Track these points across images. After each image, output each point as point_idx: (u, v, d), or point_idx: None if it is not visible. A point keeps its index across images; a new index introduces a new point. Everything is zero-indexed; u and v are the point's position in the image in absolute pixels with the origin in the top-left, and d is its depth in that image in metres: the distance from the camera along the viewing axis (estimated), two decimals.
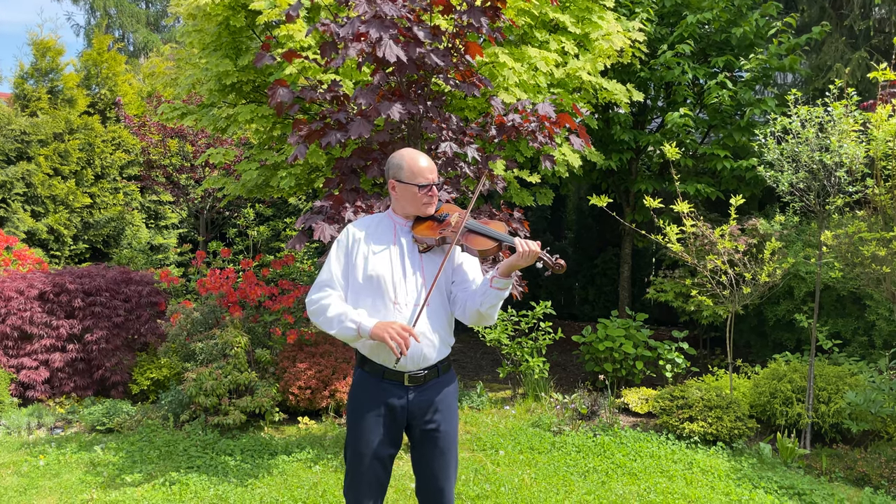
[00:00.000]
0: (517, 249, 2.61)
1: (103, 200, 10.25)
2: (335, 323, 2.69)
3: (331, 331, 2.70)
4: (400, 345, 2.56)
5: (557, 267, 2.66)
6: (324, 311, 2.72)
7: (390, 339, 2.57)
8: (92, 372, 6.20)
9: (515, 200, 6.41)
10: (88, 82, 10.78)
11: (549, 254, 2.68)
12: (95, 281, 6.44)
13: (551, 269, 2.68)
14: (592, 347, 6.78)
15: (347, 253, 2.82)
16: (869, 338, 6.59)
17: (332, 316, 2.70)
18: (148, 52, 22.76)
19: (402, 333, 2.58)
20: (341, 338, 2.71)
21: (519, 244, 2.62)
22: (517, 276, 5.19)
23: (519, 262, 2.62)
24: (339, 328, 2.68)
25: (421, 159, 2.81)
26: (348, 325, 2.66)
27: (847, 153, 4.93)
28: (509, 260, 2.63)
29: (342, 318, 2.68)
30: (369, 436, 2.78)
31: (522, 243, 2.61)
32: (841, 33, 7.73)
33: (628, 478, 4.71)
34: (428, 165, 2.81)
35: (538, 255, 2.62)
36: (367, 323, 2.64)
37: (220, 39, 6.23)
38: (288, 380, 5.79)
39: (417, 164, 2.79)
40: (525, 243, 2.61)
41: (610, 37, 5.86)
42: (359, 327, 2.64)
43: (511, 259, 2.62)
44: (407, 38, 4.20)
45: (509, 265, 2.63)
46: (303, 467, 4.81)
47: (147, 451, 5.05)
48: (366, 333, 2.63)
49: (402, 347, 2.56)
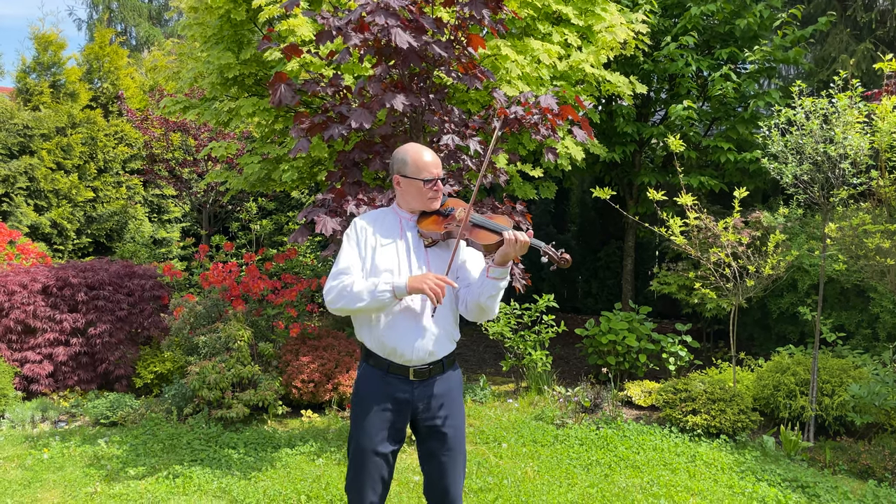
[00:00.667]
0: (504, 239, 2.60)
1: (106, 194, 10.26)
2: (366, 294, 2.62)
3: (360, 303, 2.63)
4: (437, 294, 2.55)
5: (563, 261, 2.65)
6: (348, 289, 2.65)
7: (429, 289, 2.55)
8: (96, 366, 6.21)
9: (518, 194, 6.39)
10: (90, 76, 10.77)
11: (555, 248, 2.66)
12: (99, 275, 6.44)
13: (556, 264, 2.67)
14: (595, 340, 6.77)
15: (358, 243, 2.80)
16: (873, 330, 6.57)
17: (359, 290, 2.63)
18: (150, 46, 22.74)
19: (439, 283, 2.57)
20: (375, 305, 2.63)
21: (506, 234, 2.60)
22: (521, 269, 5.18)
23: (508, 251, 2.59)
24: (370, 297, 2.61)
25: (426, 154, 2.80)
26: (382, 289, 2.61)
27: (851, 145, 4.90)
28: (500, 250, 2.62)
29: (373, 287, 2.62)
30: (373, 430, 2.77)
31: (509, 233, 2.60)
32: (845, 24, 7.68)
33: (631, 470, 4.71)
34: (433, 160, 2.80)
35: (528, 245, 2.60)
36: (401, 281, 2.61)
37: (221, 32, 6.21)
38: (291, 373, 5.80)
39: (422, 159, 2.78)
40: (513, 233, 2.59)
41: (613, 29, 5.83)
42: (394, 287, 2.60)
43: (501, 249, 2.61)
44: (411, 28, 4.18)
45: (501, 255, 2.62)
46: (306, 460, 4.82)
47: (151, 445, 5.06)
48: (402, 290, 2.60)
49: (439, 296, 2.55)
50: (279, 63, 5.68)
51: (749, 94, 6.98)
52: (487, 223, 2.75)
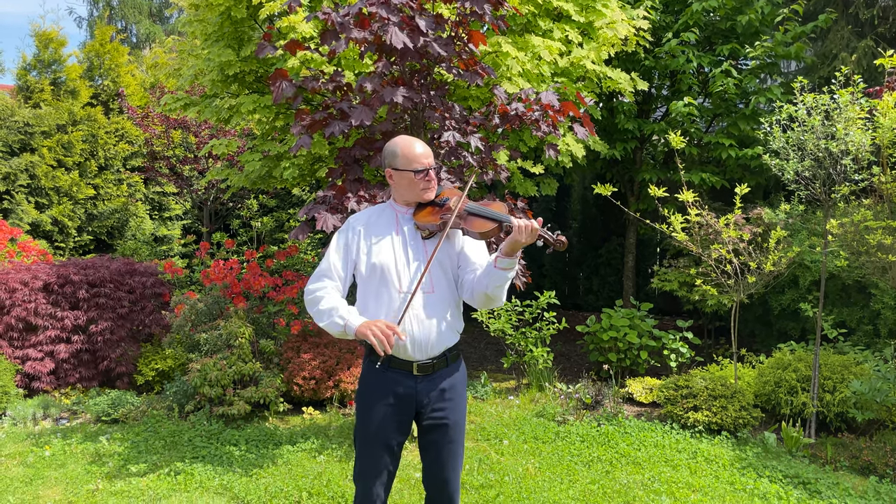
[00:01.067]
0: (514, 226, 2.59)
1: (107, 192, 10.25)
2: (325, 316, 2.69)
3: (321, 323, 2.70)
4: (382, 342, 2.53)
5: (559, 244, 2.63)
6: (317, 302, 2.73)
7: (373, 336, 2.54)
8: (97, 363, 6.21)
9: (519, 190, 6.38)
10: (91, 73, 10.76)
11: (551, 231, 2.65)
12: (100, 272, 6.44)
13: (553, 246, 2.64)
14: (597, 337, 6.77)
15: (347, 244, 2.82)
16: (874, 327, 6.56)
17: (323, 309, 2.70)
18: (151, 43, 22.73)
19: (386, 332, 2.55)
20: (329, 331, 2.71)
21: (516, 221, 2.59)
22: (521, 266, 5.18)
23: (519, 238, 2.57)
24: (328, 321, 2.69)
25: (416, 145, 2.79)
26: (336, 321, 2.66)
27: (853, 141, 4.89)
28: (510, 238, 2.59)
29: (332, 312, 2.68)
30: (377, 424, 2.79)
31: (520, 220, 2.59)
32: (847, 21, 7.67)
33: (632, 467, 4.71)
34: (423, 151, 2.79)
35: (538, 232, 2.59)
36: (354, 322, 2.64)
37: (222, 29, 6.20)
38: (292, 370, 5.80)
39: (412, 150, 2.77)
40: (523, 220, 2.59)
41: (614, 25, 5.82)
42: (345, 324, 2.65)
43: (511, 237, 2.58)
44: (410, 27, 4.17)
45: (511, 243, 2.59)
46: (307, 457, 4.82)
47: (152, 442, 5.07)
48: (351, 331, 2.63)
49: (384, 345, 2.53)
50: (280, 60, 5.68)
51: (750, 90, 6.97)
52: (483, 211, 2.74)
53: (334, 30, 4.45)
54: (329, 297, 2.72)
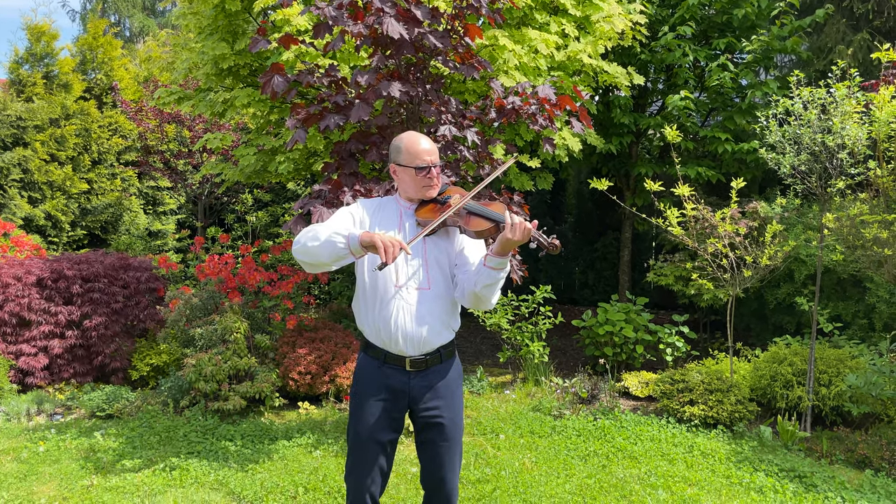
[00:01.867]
0: (506, 225, 2.56)
1: (101, 186, 10.20)
2: (323, 235, 2.54)
3: (315, 243, 2.54)
4: (388, 249, 2.41)
5: (552, 247, 2.61)
6: (314, 230, 2.60)
7: (380, 240, 2.43)
8: (91, 358, 6.18)
9: (515, 185, 6.37)
10: (84, 67, 10.69)
11: (546, 234, 2.64)
12: (94, 267, 6.41)
13: (546, 249, 2.62)
14: (593, 332, 6.77)
15: (354, 217, 2.77)
16: (869, 321, 6.57)
17: (319, 231, 2.57)
18: (144, 37, 22.61)
19: (394, 241, 2.44)
20: (328, 251, 2.53)
21: (508, 219, 2.56)
22: (518, 260, 5.16)
23: (511, 237, 2.53)
24: (325, 238, 2.53)
25: (421, 141, 2.77)
26: (334, 237, 2.53)
27: (849, 135, 4.89)
28: (501, 236, 2.56)
29: (331, 231, 2.55)
30: (370, 420, 2.77)
31: (512, 219, 2.56)
32: (842, 14, 7.66)
33: (629, 461, 4.71)
34: (427, 147, 2.77)
35: (530, 234, 2.57)
36: (356, 231, 2.54)
37: (216, 22, 6.16)
38: (288, 365, 5.78)
39: (416, 147, 2.76)
40: (514, 220, 2.55)
41: (611, 19, 5.80)
42: (348, 235, 2.52)
43: (502, 235, 2.55)
44: (406, 19, 4.15)
45: (502, 242, 2.56)
46: (303, 452, 4.81)
47: (147, 437, 5.04)
48: (354, 241, 2.49)
49: (389, 254, 2.41)
50: (274, 53, 5.64)
51: (746, 84, 6.96)
52: (481, 210, 2.73)
53: (328, 23, 4.42)
54: (327, 226, 2.60)
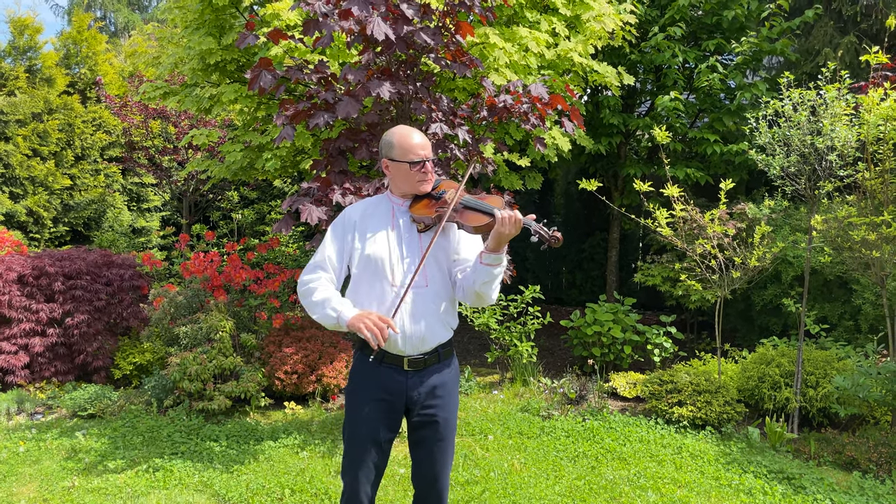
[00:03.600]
0: (497, 218, 2.52)
1: (84, 182, 10.06)
2: (318, 308, 2.66)
3: (314, 315, 2.68)
4: (376, 335, 2.50)
5: (553, 240, 2.56)
6: (310, 294, 2.69)
7: (366, 329, 2.51)
8: (73, 357, 6.08)
9: (504, 184, 6.33)
10: (68, 61, 10.54)
11: (547, 227, 2.59)
12: (76, 264, 6.30)
13: (548, 243, 2.57)
14: (581, 332, 6.75)
15: (343, 235, 2.77)
16: (855, 322, 6.60)
17: (316, 300, 2.66)
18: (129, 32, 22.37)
19: (379, 324, 2.52)
20: (322, 323, 2.67)
21: (498, 213, 2.52)
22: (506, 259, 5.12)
23: (503, 230, 2.50)
24: (320, 313, 2.65)
25: (413, 135, 2.74)
26: (329, 313, 2.63)
27: (839, 137, 4.89)
28: (494, 230, 2.53)
29: (325, 304, 2.64)
30: (367, 419, 2.75)
31: (502, 211, 2.52)
32: (830, 17, 7.69)
33: (618, 462, 4.69)
34: (420, 142, 2.74)
35: (522, 225, 2.53)
36: (347, 313, 2.60)
37: (202, 17, 6.08)
38: (274, 364, 5.72)
39: (408, 141, 2.72)
40: (506, 211, 2.51)
41: (602, 18, 5.78)
42: (338, 316, 2.61)
43: (495, 229, 2.52)
44: (395, 16, 4.10)
45: (496, 237, 2.53)
46: (290, 453, 4.75)
47: (130, 437, 4.96)
48: (343, 323, 2.59)
49: (378, 339, 2.50)
50: (262, 48, 5.57)
51: (735, 85, 6.97)
52: (477, 204, 2.68)
53: (317, 19, 4.36)
54: (322, 289, 2.68)
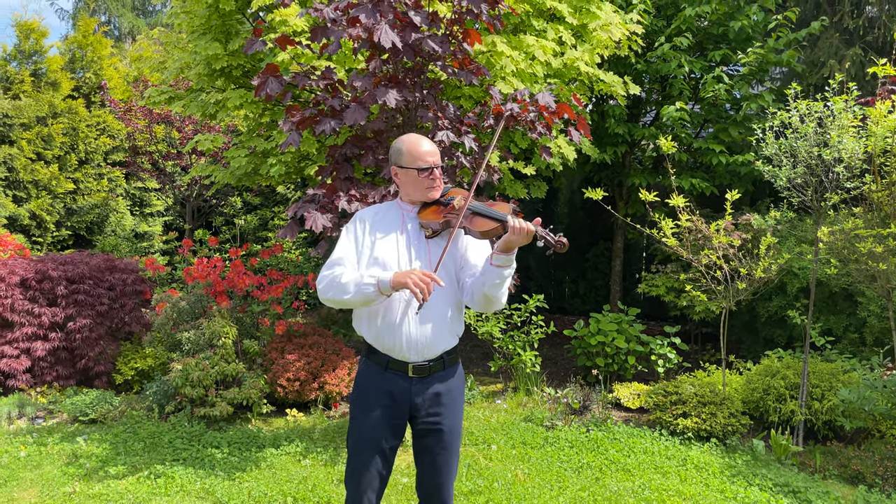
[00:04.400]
0: (509, 226, 2.52)
1: (87, 186, 10.06)
2: (351, 286, 2.58)
3: (346, 296, 2.59)
4: (423, 290, 2.47)
5: (559, 245, 2.55)
6: (337, 280, 2.63)
7: (413, 284, 2.48)
8: (75, 361, 6.06)
9: (509, 192, 6.32)
10: (73, 66, 10.56)
11: (554, 233, 2.58)
12: (79, 268, 6.29)
13: (554, 248, 2.57)
14: (584, 342, 6.71)
15: (356, 236, 2.77)
16: (860, 335, 6.57)
17: (346, 282, 2.60)
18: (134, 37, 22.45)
19: (424, 279, 2.49)
20: (360, 299, 2.59)
21: (511, 221, 2.53)
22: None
23: (513, 238, 2.51)
24: (356, 289, 2.58)
25: (422, 143, 2.75)
26: (367, 282, 2.57)
27: (846, 149, 4.88)
28: (505, 237, 2.54)
29: (358, 281, 2.59)
30: (371, 426, 2.74)
31: (515, 220, 2.53)
32: (835, 29, 7.69)
33: (622, 474, 4.65)
34: (429, 149, 2.75)
35: (533, 233, 2.53)
36: (386, 276, 2.56)
37: (209, 22, 6.08)
38: (276, 371, 5.69)
39: (417, 148, 2.73)
40: (516, 222, 2.52)
41: (608, 27, 5.77)
42: (378, 282, 2.55)
43: (506, 236, 2.53)
44: (403, 23, 4.09)
45: (506, 241, 2.54)
46: (292, 461, 4.72)
47: (131, 443, 4.93)
48: (386, 285, 2.54)
49: (424, 293, 2.47)
50: (269, 54, 5.57)
51: (741, 96, 6.96)
52: (486, 210, 2.68)
53: (325, 26, 4.36)
54: (348, 273, 2.64)
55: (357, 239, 2.76)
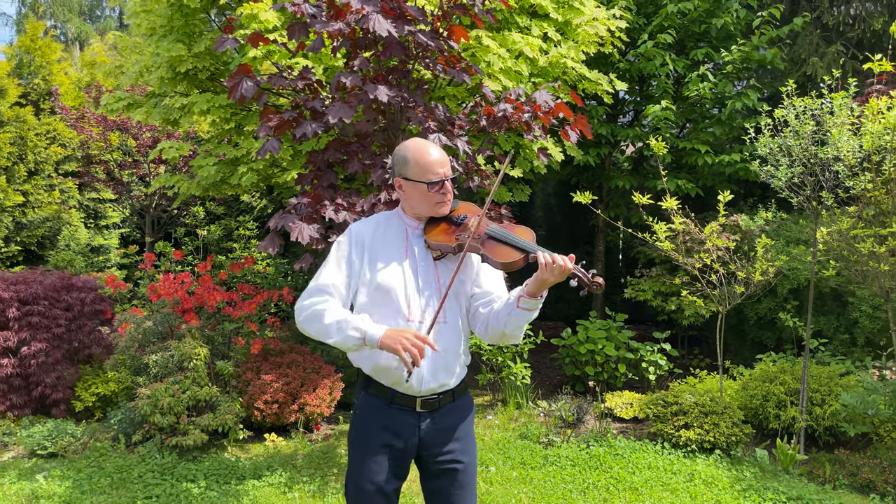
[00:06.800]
0: (539, 262, 2.25)
1: (37, 199, 9.47)
2: (333, 331, 2.27)
3: (328, 340, 2.29)
4: (414, 357, 2.17)
5: (594, 286, 2.28)
6: (319, 317, 2.30)
7: (403, 350, 2.17)
8: (30, 389, 5.58)
9: (493, 197, 6.04)
10: (20, 71, 9.96)
11: (585, 269, 2.30)
12: (32, 288, 5.80)
13: (587, 288, 2.30)
14: (573, 350, 6.48)
15: (349, 259, 2.42)
16: (851, 335, 6.46)
17: (329, 323, 2.28)
18: (82, 43, 21.64)
19: (417, 343, 2.19)
20: (342, 348, 2.30)
21: (541, 256, 2.25)
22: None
23: (546, 277, 2.24)
24: (339, 336, 2.26)
25: (431, 151, 2.42)
26: (351, 334, 2.25)
27: (845, 146, 4.72)
28: (536, 276, 2.27)
29: (343, 324, 2.26)
30: (374, 468, 2.41)
31: (547, 255, 2.25)
32: (815, 26, 7.62)
33: (630, 493, 4.40)
34: (439, 158, 2.42)
35: (569, 271, 2.25)
36: (375, 331, 2.24)
37: (171, 22, 5.68)
38: (252, 393, 5.31)
39: (426, 158, 2.40)
40: (550, 255, 2.24)
41: (593, 23, 5.55)
42: (364, 336, 2.24)
43: (537, 274, 2.26)
44: (394, 17, 3.79)
45: (538, 282, 2.27)
46: (276, 493, 4.35)
47: (97, 480, 4.51)
48: (373, 342, 2.23)
49: (416, 360, 2.17)
50: (238, 55, 5.20)
51: (726, 94, 6.81)
52: (507, 237, 2.37)
53: (304, 22, 4.02)
54: (333, 310, 2.31)
55: (351, 265, 2.42)
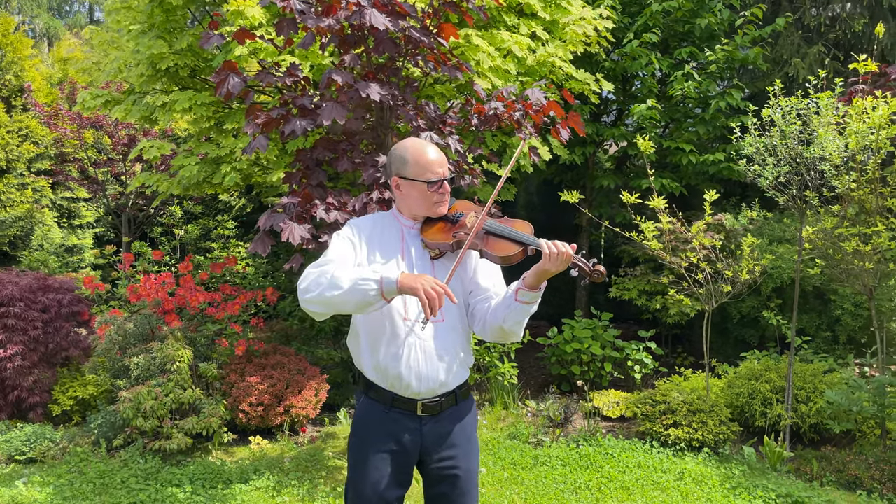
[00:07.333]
0: (543, 252, 2.21)
1: (9, 198, 9.24)
2: (346, 282, 2.10)
3: (336, 291, 2.10)
4: (434, 301, 2.03)
5: (596, 274, 2.27)
6: (328, 274, 2.14)
7: (424, 292, 2.03)
8: (6, 393, 5.42)
9: (480, 196, 6.00)
10: None
11: (586, 258, 2.29)
12: (7, 289, 5.64)
13: (588, 277, 2.29)
14: (559, 349, 6.47)
15: (353, 243, 2.37)
16: (833, 333, 6.54)
17: (339, 276, 2.12)
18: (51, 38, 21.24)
19: (437, 289, 2.05)
20: (354, 299, 2.10)
21: (545, 246, 2.22)
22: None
23: (548, 267, 2.20)
24: (351, 285, 2.09)
25: (429, 150, 2.39)
26: (366, 278, 2.09)
27: (831, 146, 4.76)
28: (537, 267, 2.22)
29: (356, 278, 2.10)
30: (375, 476, 2.36)
31: (549, 245, 2.22)
32: (796, 27, 7.69)
33: (622, 493, 4.39)
34: (437, 157, 2.39)
35: (571, 259, 2.22)
36: (391, 274, 2.09)
37: (152, 18, 5.54)
38: (237, 396, 5.22)
39: (425, 157, 2.37)
40: (553, 245, 2.21)
41: (581, 22, 5.54)
42: (382, 280, 2.07)
43: (539, 265, 2.22)
44: (388, 12, 3.73)
45: (538, 273, 2.23)
46: (264, 497, 4.27)
47: (79, 485, 4.39)
48: (391, 286, 2.07)
49: (434, 306, 2.03)
50: (222, 51, 5.09)
51: (710, 94, 6.84)
52: (505, 231, 2.35)
53: (293, 18, 3.95)
54: (343, 269, 2.17)
55: (354, 245, 2.35)
